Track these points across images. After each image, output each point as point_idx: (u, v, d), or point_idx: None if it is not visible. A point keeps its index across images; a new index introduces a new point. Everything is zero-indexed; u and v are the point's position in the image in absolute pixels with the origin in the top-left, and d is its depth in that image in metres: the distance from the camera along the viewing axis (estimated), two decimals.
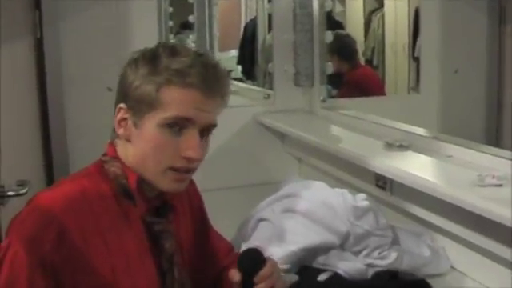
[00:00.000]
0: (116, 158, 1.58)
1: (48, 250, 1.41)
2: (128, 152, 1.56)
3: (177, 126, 1.50)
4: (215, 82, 1.53)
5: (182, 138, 1.51)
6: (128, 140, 1.55)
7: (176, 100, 1.48)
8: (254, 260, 1.60)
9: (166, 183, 1.55)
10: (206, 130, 1.55)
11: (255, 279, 1.57)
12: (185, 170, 1.54)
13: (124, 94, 1.54)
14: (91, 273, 1.47)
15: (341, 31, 3.57)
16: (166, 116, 1.48)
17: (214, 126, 1.56)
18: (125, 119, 1.54)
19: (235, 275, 1.58)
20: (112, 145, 1.60)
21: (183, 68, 1.48)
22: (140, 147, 1.53)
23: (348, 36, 3.68)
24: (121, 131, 1.55)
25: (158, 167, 1.53)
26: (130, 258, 1.53)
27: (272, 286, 1.61)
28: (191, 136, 1.51)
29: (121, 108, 1.54)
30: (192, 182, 1.82)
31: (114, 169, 1.57)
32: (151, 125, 1.50)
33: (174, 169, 1.53)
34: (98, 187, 1.54)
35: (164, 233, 1.61)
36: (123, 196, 1.55)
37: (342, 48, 3.56)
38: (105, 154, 1.61)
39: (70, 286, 1.45)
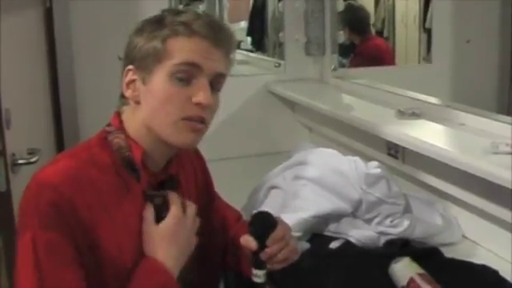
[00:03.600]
0: (120, 128, 1.56)
1: (73, 228, 1.40)
2: (137, 116, 1.54)
3: (185, 75, 1.50)
4: (220, 31, 1.54)
5: (192, 87, 1.51)
6: (137, 102, 1.54)
7: (183, 48, 1.50)
8: (265, 223, 1.60)
9: (181, 136, 1.52)
10: (215, 83, 1.55)
11: (267, 242, 1.57)
12: (197, 119, 1.52)
13: (131, 58, 1.54)
14: (100, 249, 1.45)
15: (355, 2, 3.57)
16: (173, 63, 1.49)
17: (222, 75, 1.56)
18: (133, 81, 1.53)
19: (250, 242, 1.57)
20: (117, 115, 1.58)
21: (188, 20, 1.51)
22: (150, 103, 1.52)
23: (362, 9, 3.68)
24: (129, 93, 1.54)
25: (169, 118, 1.51)
26: (132, 233, 1.51)
27: (284, 247, 1.61)
28: (201, 83, 1.51)
29: (129, 70, 1.53)
30: (199, 156, 1.83)
31: (117, 140, 1.54)
32: (160, 77, 1.50)
33: (186, 118, 1.51)
34: (97, 159, 1.51)
35: (164, 206, 1.57)
36: (125, 168, 1.53)
37: (355, 21, 3.56)
38: (109, 125, 1.58)
39: (85, 262, 1.44)
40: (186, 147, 1.59)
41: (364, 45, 3.65)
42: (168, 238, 1.52)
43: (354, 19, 3.60)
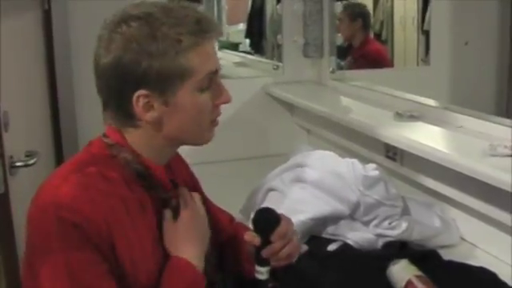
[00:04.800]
0: (125, 145, 1.52)
1: (99, 244, 1.39)
2: (154, 136, 1.51)
3: (209, 82, 1.49)
4: (213, 22, 1.54)
5: (212, 90, 1.51)
6: (158, 123, 1.49)
7: (203, 58, 1.47)
8: (269, 219, 1.59)
9: (208, 136, 1.57)
10: None
11: (272, 238, 1.57)
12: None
13: (137, 80, 1.43)
14: (117, 264, 1.43)
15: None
16: (199, 77, 1.47)
17: None
18: (147, 102, 1.45)
19: (254, 238, 1.57)
20: (117, 131, 1.52)
21: (196, 26, 1.46)
22: (178, 120, 1.49)
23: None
24: (149, 116, 1.47)
25: (201, 127, 1.53)
26: (147, 248, 1.50)
27: (287, 243, 1.61)
28: (219, 83, 1.53)
29: (140, 95, 1.44)
30: (184, 161, 1.81)
31: (125, 155, 1.51)
32: (187, 94, 1.46)
33: (212, 121, 1.55)
34: (106, 175, 1.47)
35: (179, 206, 1.59)
36: (140, 182, 1.51)
37: (367, 16, 3.56)
38: (106, 136, 1.53)
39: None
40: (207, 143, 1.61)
41: (365, 48, 3.64)
42: (187, 234, 1.55)
43: (366, 13, 3.61)
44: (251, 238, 1.58)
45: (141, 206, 1.51)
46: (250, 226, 1.97)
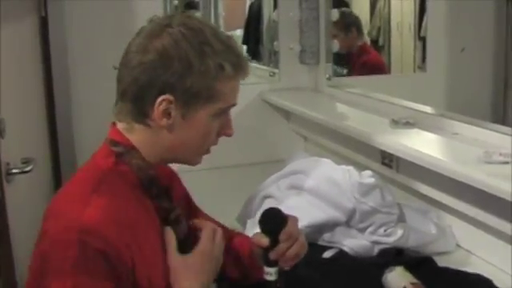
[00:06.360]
0: (134, 148, 1.51)
1: (119, 270, 1.38)
2: (159, 140, 1.51)
3: (224, 112, 1.53)
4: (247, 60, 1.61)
5: (221, 120, 1.53)
6: (168, 130, 1.49)
7: (232, 90, 1.51)
8: (276, 219, 1.60)
9: (198, 160, 1.59)
10: None
11: (280, 237, 1.57)
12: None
13: (168, 85, 1.44)
14: (135, 284, 1.42)
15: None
16: (221, 106, 1.50)
17: None
18: (167, 109, 1.46)
19: (262, 240, 1.58)
20: (120, 130, 1.52)
21: (238, 60, 1.50)
22: (184, 135, 1.50)
23: None
24: (163, 122, 1.47)
25: (199, 150, 1.56)
26: (158, 262, 1.49)
27: (294, 243, 1.61)
28: (228, 116, 1.56)
29: (165, 99, 1.44)
30: (172, 170, 1.78)
31: (135, 161, 1.51)
32: (204, 115, 1.49)
33: (207, 149, 1.57)
34: (118, 191, 1.46)
35: (179, 224, 1.59)
36: (147, 190, 1.51)
37: (360, 24, 3.57)
38: (116, 143, 1.52)
39: None
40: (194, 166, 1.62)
41: (365, 56, 3.64)
42: (196, 269, 1.52)
43: (358, 21, 3.61)
44: (259, 239, 1.58)
45: (150, 217, 1.51)
46: (247, 232, 1.99)
